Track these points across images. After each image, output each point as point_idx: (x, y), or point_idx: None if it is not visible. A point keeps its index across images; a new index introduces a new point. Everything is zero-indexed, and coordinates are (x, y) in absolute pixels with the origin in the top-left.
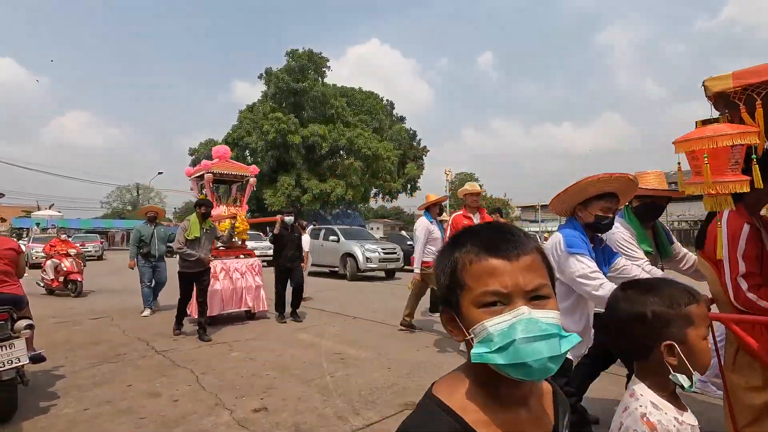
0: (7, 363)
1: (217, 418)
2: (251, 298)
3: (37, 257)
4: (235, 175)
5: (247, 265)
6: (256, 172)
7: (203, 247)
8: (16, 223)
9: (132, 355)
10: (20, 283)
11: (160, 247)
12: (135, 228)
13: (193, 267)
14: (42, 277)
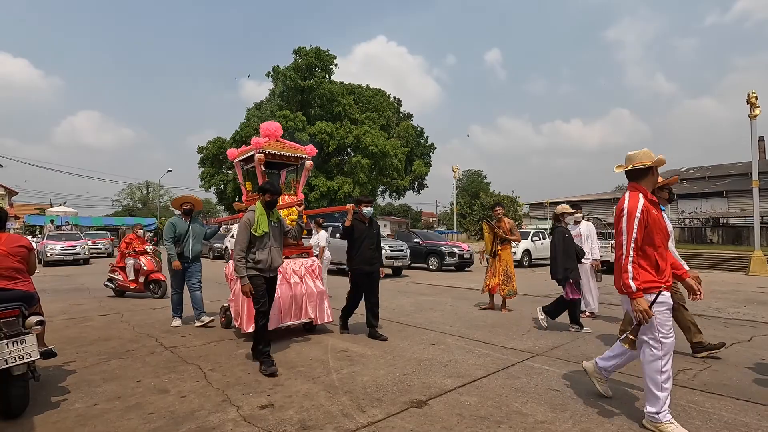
0: (19, 358)
1: (224, 414)
2: (313, 307)
3: (52, 255)
4: (289, 157)
5: (306, 267)
6: (313, 153)
7: (273, 246)
8: (29, 220)
9: (141, 351)
10: (31, 279)
11: (195, 247)
12: (168, 222)
13: (267, 271)
14: (112, 277)
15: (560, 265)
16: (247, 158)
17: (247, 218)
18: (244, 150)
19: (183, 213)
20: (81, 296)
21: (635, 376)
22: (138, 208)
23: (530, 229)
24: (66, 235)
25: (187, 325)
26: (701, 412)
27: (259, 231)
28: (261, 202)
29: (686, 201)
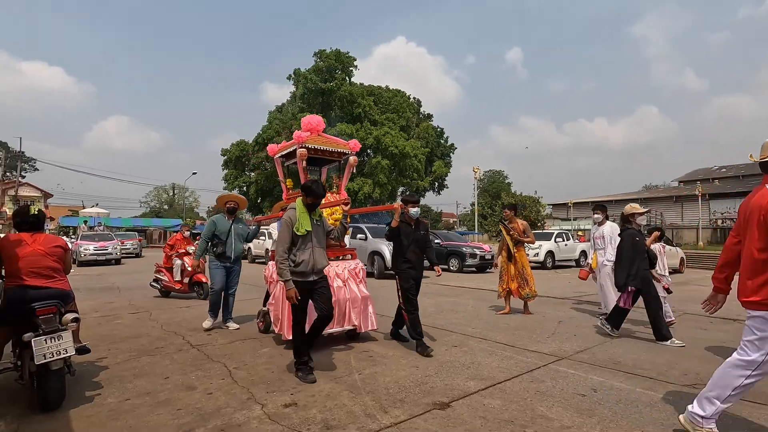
0: (56, 354)
1: (249, 411)
2: (357, 313)
3: (86, 255)
4: (331, 152)
5: (349, 270)
6: (357, 148)
7: (316, 247)
8: (63, 221)
9: (169, 348)
10: (67, 278)
11: (237, 246)
12: (210, 220)
13: (309, 274)
14: (158, 277)
15: (622, 271)
16: (287, 154)
17: (288, 216)
18: (284, 145)
19: (227, 211)
20: (112, 295)
21: (667, 382)
22: (164, 209)
23: (554, 230)
24: (99, 236)
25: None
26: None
27: (302, 230)
28: (302, 201)
29: (719, 201)
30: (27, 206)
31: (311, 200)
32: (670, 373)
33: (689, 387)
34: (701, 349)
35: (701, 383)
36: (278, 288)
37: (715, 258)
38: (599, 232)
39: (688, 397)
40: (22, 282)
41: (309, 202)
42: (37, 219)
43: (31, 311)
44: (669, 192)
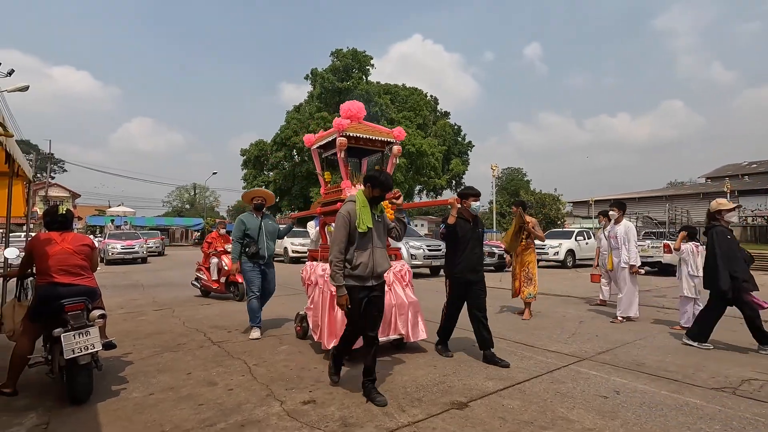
0: (84, 349)
1: (268, 408)
2: (404, 321)
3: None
4: (374, 141)
5: (394, 273)
6: (402, 136)
7: (377, 247)
8: (90, 221)
9: (191, 345)
10: (94, 276)
11: (269, 245)
12: (238, 219)
13: (368, 278)
14: (197, 276)
15: (722, 273)
16: (326, 144)
17: (347, 211)
18: (322, 135)
19: (254, 208)
20: (136, 292)
21: (694, 385)
22: (186, 208)
23: (574, 228)
24: (126, 234)
25: (230, 322)
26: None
27: (362, 226)
28: (364, 193)
29: (749, 197)
30: (56, 206)
31: (378, 192)
32: (697, 376)
33: (717, 390)
34: (730, 351)
35: (730, 386)
36: (317, 292)
37: None
38: (614, 231)
39: (716, 400)
40: (52, 279)
41: (375, 194)
42: (65, 218)
43: (61, 308)
44: (695, 189)
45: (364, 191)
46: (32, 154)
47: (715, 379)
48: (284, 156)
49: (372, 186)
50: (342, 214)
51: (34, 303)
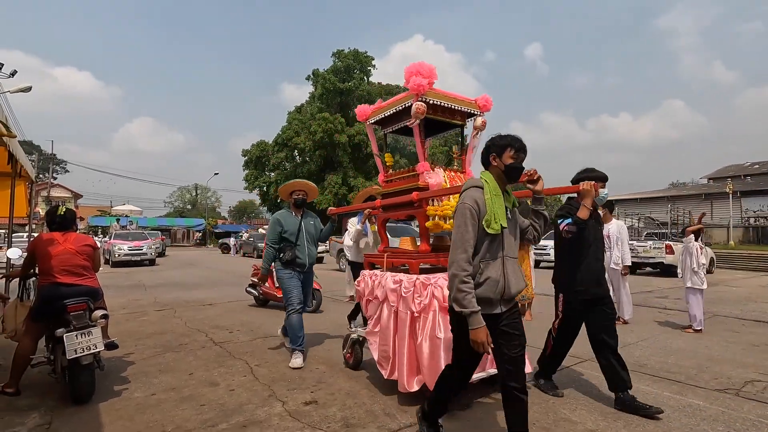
0: (86, 349)
1: (270, 408)
2: None
3: (120, 255)
4: (455, 112)
5: None
6: (488, 107)
7: (508, 257)
8: (92, 221)
9: (193, 345)
10: (96, 276)
11: (311, 250)
12: (273, 219)
13: (494, 304)
14: (255, 282)
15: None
16: (387, 118)
17: (473, 200)
18: (382, 106)
19: (293, 205)
20: (138, 292)
21: (697, 386)
22: (188, 209)
23: None
24: (132, 235)
25: (231, 322)
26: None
27: (495, 226)
28: (494, 175)
29: (751, 198)
30: (56, 207)
31: (518, 159)
32: (700, 377)
33: (720, 392)
34: (732, 352)
35: (733, 388)
36: (385, 311)
37: (747, 258)
38: (606, 231)
39: (719, 401)
40: (54, 279)
41: (510, 172)
42: (65, 218)
43: (63, 308)
44: (697, 190)
45: (491, 171)
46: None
47: (717, 381)
48: (285, 156)
49: (515, 152)
50: (467, 205)
51: (36, 303)
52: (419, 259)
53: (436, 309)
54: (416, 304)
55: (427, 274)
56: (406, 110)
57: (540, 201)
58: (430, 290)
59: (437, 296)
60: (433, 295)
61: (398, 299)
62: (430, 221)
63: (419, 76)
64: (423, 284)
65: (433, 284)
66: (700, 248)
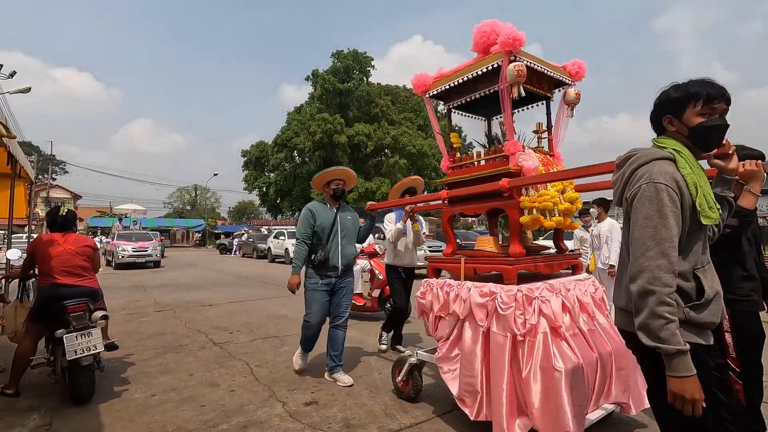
0: (86, 350)
1: (271, 409)
2: (623, 380)
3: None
4: (543, 79)
5: (592, 295)
6: (581, 75)
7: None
8: (91, 222)
9: (193, 346)
10: (96, 277)
11: (346, 250)
12: (305, 210)
13: (707, 331)
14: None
15: None
16: (456, 88)
17: (671, 178)
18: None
19: (331, 196)
20: (138, 293)
21: None
22: (187, 210)
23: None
24: (136, 235)
25: (231, 323)
26: None
27: (710, 213)
28: (686, 143)
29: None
30: (57, 207)
31: (714, 114)
32: None
33: None
34: None
35: None
36: (467, 333)
37: None
38: (596, 230)
39: None
40: (54, 280)
41: (706, 122)
42: (66, 219)
43: (63, 308)
44: None
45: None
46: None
47: None
48: (285, 157)
49: (707, 104)
50: (662, 186)
51: (36, 304)
52: (517, 265)
53: (547, 331)
54: (519, 325)
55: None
56: (488, 75)
57: (729, 184)
58: (537, 306)
59: (546, 313)
60: (541, 311)
61: (490, 317)
62: (527, 216)
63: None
64: (527, 298)
65: (539, 298)
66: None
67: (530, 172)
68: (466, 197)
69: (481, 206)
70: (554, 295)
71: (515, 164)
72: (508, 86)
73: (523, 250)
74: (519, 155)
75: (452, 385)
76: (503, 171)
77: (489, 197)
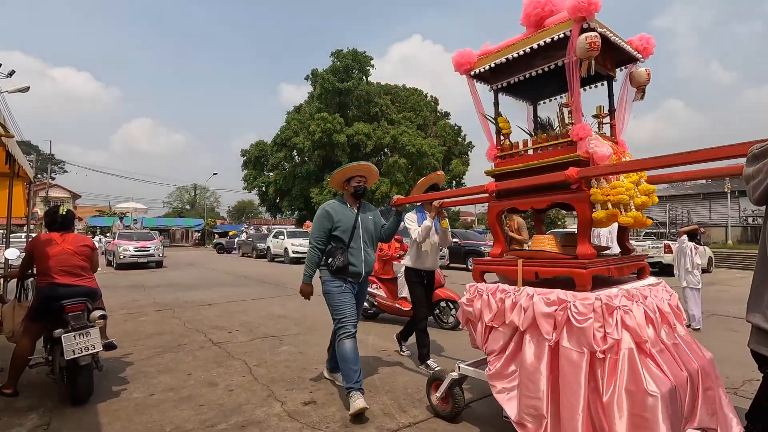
0: (85, 350)
1: (269, 408)
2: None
3: (125, 256)
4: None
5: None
6: (648, 50)
7: None
8: (90, 221)
9: (191, 345)
10: (94, 276)
11: (368, 255)
12: (322, 210)
13: None
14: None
15: None
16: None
17: None
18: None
19: (352, 194)
20: (137, 292)
21: None
22: (186, 209)
23: (574, 229)
24: (138, 234)
25: (230, 322)
26: None
27: None
28: None
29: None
30: (57, 207)
31: None
32: None
33: None
34: (731, 351)
35: (732, 386)
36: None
37: (746, 257)
38: (596, 230)
39: None
40: (52, 280)
41: None
42: (66, 219)
43: (61, 308)
44: (696, 189)
45: None
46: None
47: None
48: (284, 156)
49: None
50: None
51: (34, 303)
52: (593, 269)
53: (632, 346)
54: (599, 339)
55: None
56: (546, 49)
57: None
58: (618, 317)
59: (630, 326)
60: (624, 324)
61: (559, 329)
62: (601, 211)
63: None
64: (608, 307)
65: (621, 307)
66: (695, 248)
67: (603, 161)
68: (519, 190)
69: (541, 200)
70: (634, 303)
71: (585, 151)
72: (576, 60)
73: (594, 251)
74: (590, 140)
75: (509, 406)
76: (570, 159)
77: (551, 190)
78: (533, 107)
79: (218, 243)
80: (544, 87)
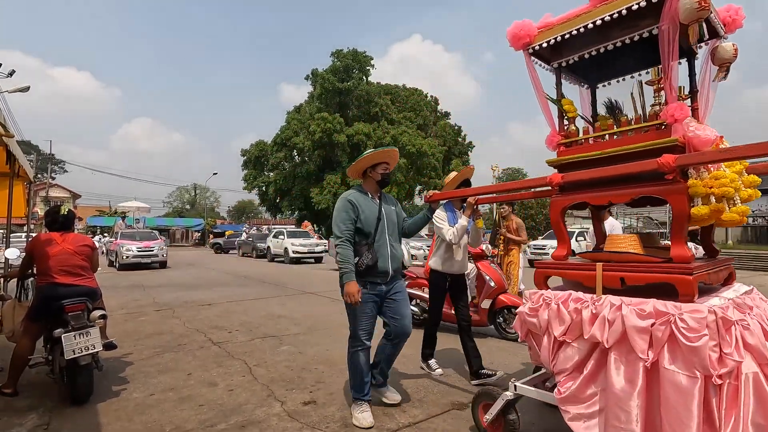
0: (85, 349)
1: (269, 408)
2: None
3: (128, 256)
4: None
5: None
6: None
7: None
8: (90, 221)
9: (191, 345)
10: (94, 276)
11: (395, 250)
12: (343, 199)
13: None
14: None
15: None
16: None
17: None
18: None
19: (378, 182)
20: (137, 292)
21: None
22: (186, 209)
23: (574, 229)
24: (140, 234)
25: (230, 322)
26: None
27: None
28: None
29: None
30: (57, 207)
31: None
32: None
33: None
34: None
35: None
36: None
37: (746, 257)
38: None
39: None
40: (52, 280)
41: None
42: (67, 219)
43: (61, 308)
44: None
45: None
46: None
47: None
48: (284, 156)
49: None
50: None
51: (34, 303)
52: (699, 276)
53: (757, 370)
54: (714, 362)
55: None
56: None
57: None
58: (737, 334)
59: (752, 344)
60: (746, 342)
61: (658, 347)
62: (702, 206)
63: None
64: (724, 322)
65: (739, 323)
66: (695, 248)
67: (705, 146)
68: (594, 182)
69: (622, 193)
70: (748, 317)
71: (682, 135)
72: (672, 27)
73: (692, 254)
74: (688, 123)
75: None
76: (664, 144)
77: (635, 181)
78: (591, 90)
79: (216, 243)
80: (612, 65)
